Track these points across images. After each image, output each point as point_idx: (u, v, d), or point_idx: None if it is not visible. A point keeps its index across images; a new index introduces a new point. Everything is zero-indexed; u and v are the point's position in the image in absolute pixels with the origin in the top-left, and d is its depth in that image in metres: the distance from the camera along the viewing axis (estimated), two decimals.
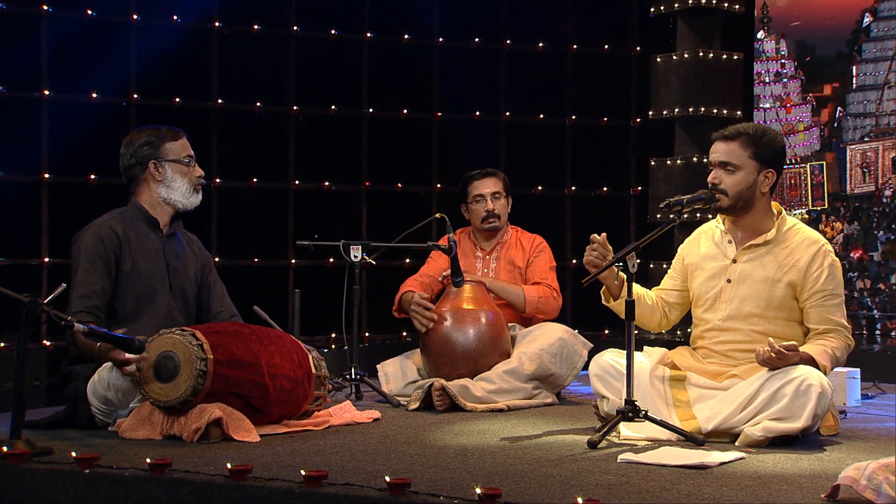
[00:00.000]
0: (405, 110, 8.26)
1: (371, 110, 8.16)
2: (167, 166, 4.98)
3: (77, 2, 7.49)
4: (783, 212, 4.83)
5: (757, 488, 3.62)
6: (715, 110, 8.24)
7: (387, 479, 3.49)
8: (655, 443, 4.43)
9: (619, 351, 4.84)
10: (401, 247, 6.16)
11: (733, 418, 4.44)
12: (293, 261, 7.98)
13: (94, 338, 4.26)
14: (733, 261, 4.77)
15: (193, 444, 4.34)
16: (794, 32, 8.58)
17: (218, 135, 7.80)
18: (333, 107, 8.11)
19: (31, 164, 7.38)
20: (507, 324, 5.74)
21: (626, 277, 4.47)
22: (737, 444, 4.39)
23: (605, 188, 8.61)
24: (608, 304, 4.90)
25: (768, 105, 8.68)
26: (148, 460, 3.78)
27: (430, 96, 8.32)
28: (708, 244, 4.90)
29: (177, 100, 7.76)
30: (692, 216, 7.45)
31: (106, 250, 4.82)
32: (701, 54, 8.22)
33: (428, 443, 4.48)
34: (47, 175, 7.39)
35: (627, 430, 4.53)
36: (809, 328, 4.69)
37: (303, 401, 4.76)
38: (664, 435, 4.47)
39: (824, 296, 4.65)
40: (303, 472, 3.60)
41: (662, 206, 4.64)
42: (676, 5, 8.37)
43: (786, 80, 8.68)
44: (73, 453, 3.90)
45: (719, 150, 4.74)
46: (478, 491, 3.36)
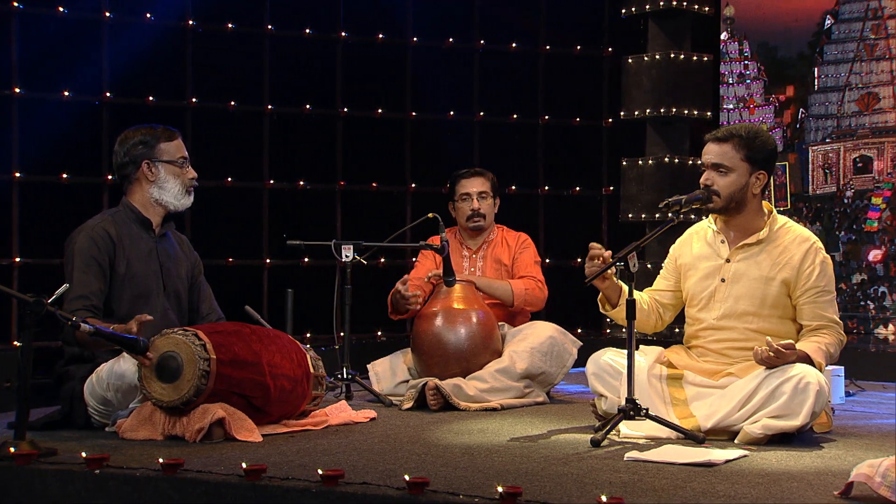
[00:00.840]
0: (380, 110, 8.25)
1: (346, 110, 8.14)
2: (161, 167, 4.95)
3: None
4: (774, 211, 4.89)
5: (769, 486, 3.67)
6: (686, 111, 8.33)
7: (406, 477, 3.50)
8: (655, 441, 4.47)
9: (616, 350, 4.89)
10: (392, 246, 6.15)
11: (732, 416, 4.50)
12: (267, 260, 7.94)
13: (99, 337, 4.23)
14: (727, 260, 4.82)
15: (196, 445, 4.33)
16: (757, 34, 8.66)
17: (192, 134, 7.73)
18: (308, 106, 8.08)
19: (1, 163, 7.28)
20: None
21: (628, 277, 4.51)
22: (736, 441, 4.45)
23: (577, 188, 8.65)
24: (606, 312, 4.93)
25: (731, 106, 8.75)
26: (160, 460, 3.77)
27: (404, 96, 8.31)
28: (700, 244, 4.95)
29: (150, 98, 7.69)
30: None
31: (100, 252, 4.78)
32: (672, 55, 8.31)
33: (431, 442, 4.49)
34: (18, 174, 7.29)
35: (627, 429, 4.57)
36: (802, 324, 4.76)
37: (302, 400, 4.76)
38: (664, 433, 4.51)
39: (817, 292, 4.72)
40: (320, 471, 3.61)
41: (662, 205, 4.68)
42: (647, 7, 8.45)
43: (749, 81, 8.75)
44: (82, 454, 3.88)
45: (712, 152, 4.79)
46: (499, 489, 3.38)
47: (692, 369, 4.77)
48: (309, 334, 7.51)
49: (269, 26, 7.98)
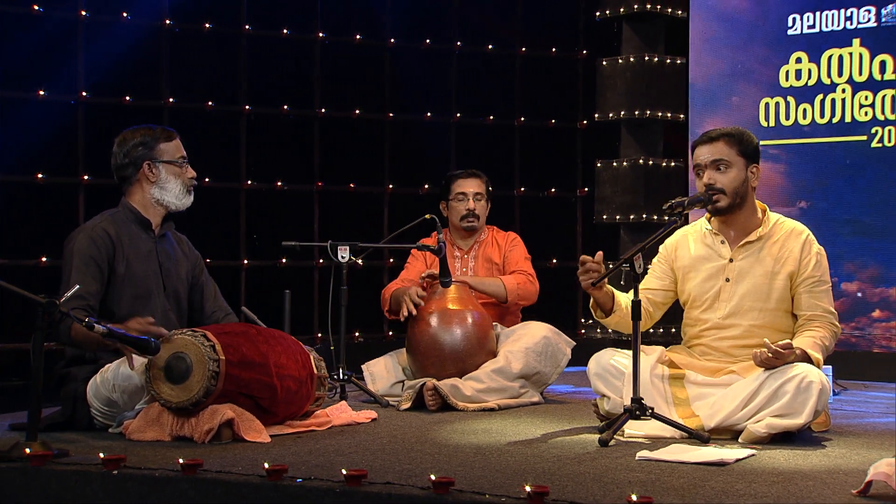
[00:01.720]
0: (357, 111, 8.25)
1: (323, 110, 8.14)
2: (161, 167, 4.92)
3: None
4: (767, 209, 4.95)
5: (785, 484, 3.71)
6: (660, 113, 8.42)
7: (432, 477, 3.51)
8: (659, 440, 4.51)
9: (618, 350, 4.92)
10: (388, 247, 6.16)
11: (735, 415, 4.55)
12: (245, 261, 7.92)
13: (112, 338, 4.20)
14: (730, 260, 4.87)
15: (205, 445, 4.31)
16: None
17: None
18: (286, 106, 8.07)
19: None
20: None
21: (633, 278, 4.55)
22: (740, 440, 4.50)
23: (552, 189, 8.70)
24: (599, 319, 4.97)
25: None
26: (180, 460, 3.76)
27: (382, 97, 8.32)
28: (698, 245, 4.98)
29: (127, 98, 7.66)
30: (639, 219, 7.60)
31: (99, 252, 4.74)
32: (646, 58, 8.38)
33: (439, 442, 4.51)
34: None
35: (630, 428, 4.61)
36: (798, 314, 4.83)
37: (306, 401, 4.76)
38: (667, 432, 4.55)
39: (813, 282, 4.80)
40: (344, 470, 3.60)
41: (665, 207, 4.72)
42: (621, 10, 8.52)
43: None
44: (100, 454, 3.86)
45: (707, 152, 4.83)
46: (528, 489, 3.39)
47: (694, 368, 4.82)
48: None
49: (247, 26, 7.98)
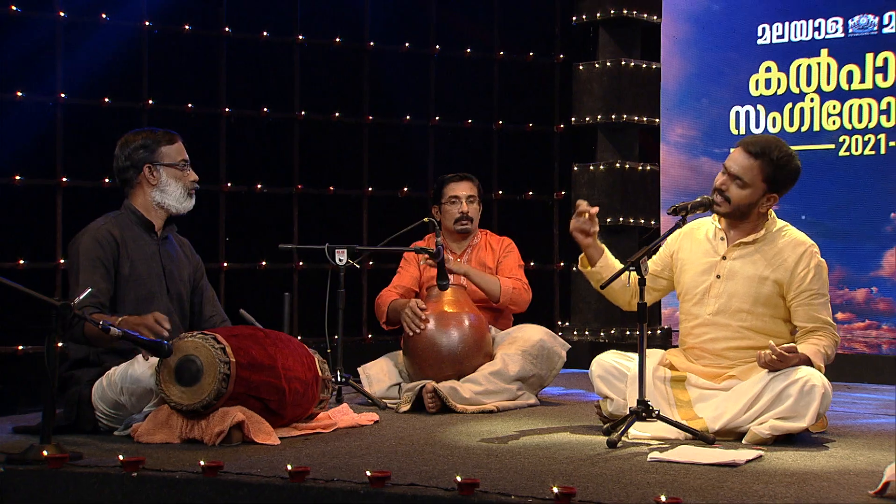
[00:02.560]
0: (337, 113, 8.24)
1: (303, 113, 8.12)
2: (162, 170, 4.92)
3: None
4: (773, 214, 4.98)
5: (801, 485, 3.76)
6: (636, 117, 8.47)
7: (458, 478, 3.53)
8: (665, 441, 4.56)
9: (619, 353, 4.97)
10: (386, 250, 6.16)
11: (739, 418, 4.61)
12: (224, 264, 7.89)
13: (126, 340, 4.20)
14: (723, 257, 4.92)
15: (215, 448, 4.31)
16: None
17: None
18: (265, 109, 8.05)
19: None
20: None
21: (639, 281, 4.61)
22: (743, 441, 4.56)
23: (530, 192, 8.74)
24: (584, 270, 5.05)
25: None
26: (201, 462, 3.76)
27: (360, 100, 8.32)
28: (702, 239, 5.02)
29: (106, 100, 7.59)
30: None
31: (105, 254, 4.73)
32: (622, 63, 8.44)
33: (448, 444, 4.53)
34: None
35: (635, 430, 4.65)
36: (797, 326, 4.88)
37: (311, 403, 4.77)
38: (672, 434, 4.60)
39: (811, 295, 4.84)
40: (368, 472, 3.62)
41: (670, 211, 4.78)
42: (598, 15, 8.57)
43: None
44: (119, 456, 3.86)
45: (738, 163, 4.80)
46: (555, 490, 3.43)
47: (694, 372, 4.87)
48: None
49: (227, 28, 7.93)
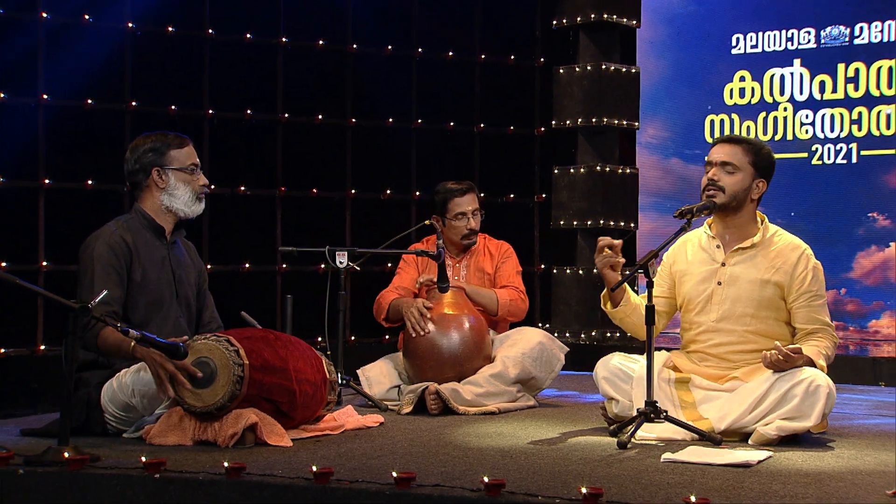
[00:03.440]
0: (320, 115, 8.25)
1: (286, 115, 8.12)
2: (171, 174, 4.90)
3: None
4: (766, 219, 5.07)
5: (819, 486, 3.81)
6: (616, 121, 8.55)
7: (485, 479, 3.55)
8: (672, 442, 4.60)
9: (624, 355, 5.02)
10: (386, 252, 6.17)
11: (744, 418, 4.66)
12: (208, 266, 7.85)
13: (145, 344, 4.20)
14: (722, 264, 4.99)
15: (228, 449, 4.31)
16: None
17: (131, 138, 7.52)
18: (248, 111, 8.04)
19: None
20: None
21: (647, 283, 4.66)
22: (750, 442, 4.62)
23: (510, 195, 8.79)
24: (606, 310, 5.06)
25: None
26: (225, 464, 3.77)
27: (343, 102, 8.33)
28: (695, 250, 5.09)
29: (89, 101, 7.56)
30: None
31: (118, 260, 4.72)
32: (602, 67, 8.51)
33: (460, 445, 4.55)
34: None
35: (640, 431, 4.69)
36: (797, 328, 4.95)
37: (320, 405, 4.78)
38: (679, 435, 4.65)
39: (810, 297, 4.92)
40: (394, 473, 3.63)
41: (676, 214, 4.84)
42: (578, 19, 8.64)
43: None
44: (142, 458, 3.86)
45: (721, 151, 4.96)
46: (584, 490, 3.46)
47: (697, 374, 4.93)
48: None
49: (210, 30, 7.93)
